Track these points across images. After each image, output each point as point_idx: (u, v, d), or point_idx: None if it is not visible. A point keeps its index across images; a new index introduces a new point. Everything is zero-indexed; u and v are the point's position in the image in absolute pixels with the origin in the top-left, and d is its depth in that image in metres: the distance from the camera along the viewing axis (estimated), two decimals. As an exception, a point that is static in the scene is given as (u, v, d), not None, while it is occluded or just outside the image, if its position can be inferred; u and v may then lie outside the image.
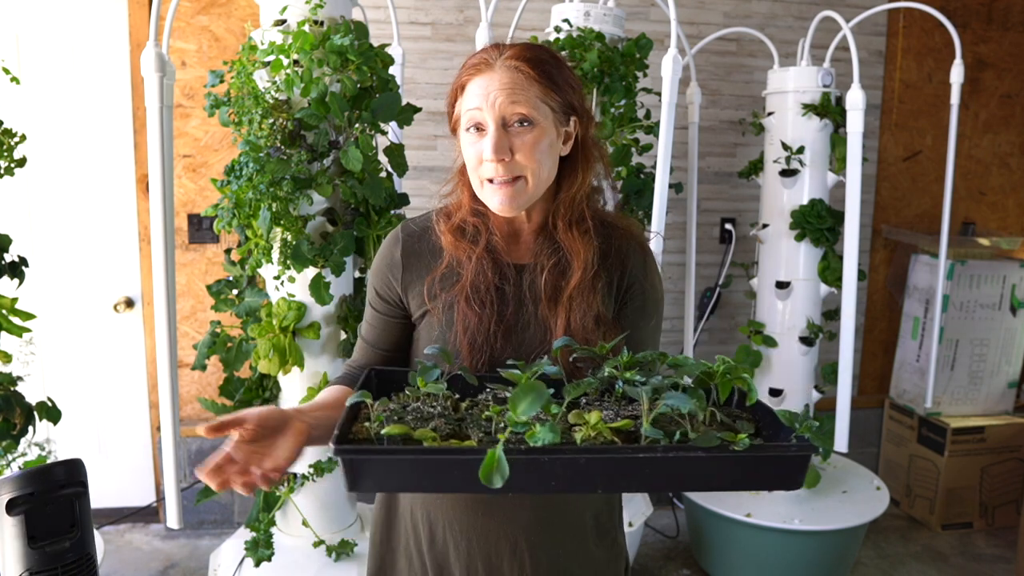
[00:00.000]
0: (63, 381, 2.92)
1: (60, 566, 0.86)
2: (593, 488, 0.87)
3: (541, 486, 0.83)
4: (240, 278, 2.04)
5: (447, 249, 1.15)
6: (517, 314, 1.12)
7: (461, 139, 1.11)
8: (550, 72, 1.09)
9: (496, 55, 1.08)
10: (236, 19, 2.84)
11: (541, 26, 2.62)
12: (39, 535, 0.85)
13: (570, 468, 0.81)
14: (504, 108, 1.05)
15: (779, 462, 0.84)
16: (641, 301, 1.16)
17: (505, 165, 1.05)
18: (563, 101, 1.10)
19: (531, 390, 0.81)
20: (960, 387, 3.26)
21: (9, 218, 2.74)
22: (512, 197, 1.07)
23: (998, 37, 3.38)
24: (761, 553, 2.63)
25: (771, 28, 3.13)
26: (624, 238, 1.17)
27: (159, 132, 1.85)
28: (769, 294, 2.74)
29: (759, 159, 2.83)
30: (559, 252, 1.12)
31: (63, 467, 0.88)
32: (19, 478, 0.85)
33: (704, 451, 0.81)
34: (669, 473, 0.84)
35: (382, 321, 1.21)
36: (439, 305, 1.13)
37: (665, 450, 0.81)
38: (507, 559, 1.13)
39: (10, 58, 2.70)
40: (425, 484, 0.90)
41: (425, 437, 0.85)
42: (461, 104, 1.10)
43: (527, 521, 1.13)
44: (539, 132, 1.07)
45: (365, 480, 0.84)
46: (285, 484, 1.99)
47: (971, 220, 3.48)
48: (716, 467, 0.83)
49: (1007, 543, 3.10)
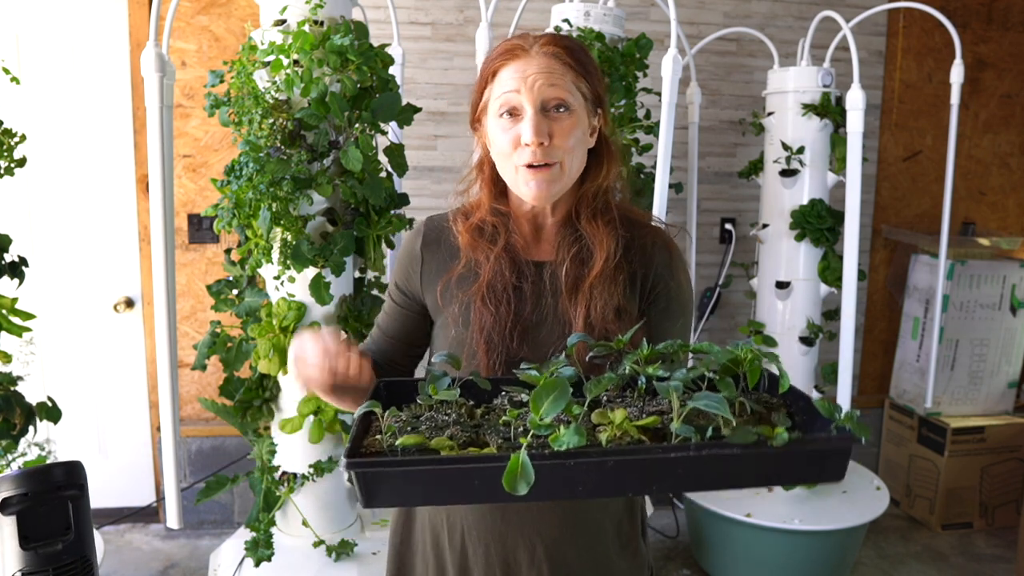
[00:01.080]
0: (63, 381, 2.92)
1: (52, 568, 0.85)
2: (623, 492, 0.81)
3: (567, 492, 0.78)
4: (240, 278, 2.04)
5: (464, 249, 1.13)
6: (534, 312, 1.10)
7: (491, 126, 1.09)
8: (584, 61, 1.09)
9: (531, 42, 1.08)
10: (236, 19, 2.84)
11: (541, 26, 2.62)
12: (32, 536, 0.85)
13: (598, 472, 0.76)
14: (544, 91, 1.04)
15: (819, 457, 0.79)
16: (666, 301, 1.14)
17: (543, 149, 1.03)
18: (593, 91, 1.10)
19: (553, 388, 0.77)
20: (960, 387, 3.26)
21: (9, 218, 2.73)
22: (548, 183, 1.06)
23: (998, 37, 3.38)
24: (761, 553, 2.63)
25: (771, 28, 3.13)
26: (650, 235, 1.15)
27: (159, 132, 1.85)
28: (769, 294, 2.74)
29: (759, 159, 2.83)
30: (581, 241, 1.11)
31: (61, 468, 0.87)
32: (15, 477, 0.85)
33: (740, 448, 0.76)
34: (703, 472, 0.78)
35: (398, 312, 1.21)
36: (455, 306, 1.12)
37: (698, 448, 0.76)
38: (526, 566, 1.11)
39: (10, 58, 2.70)
40: (445, 496, 0.84)
41: (442, 446, 0.80)
42: (491, 90, 1.08)
43: (547, 528, 1.10)
44: (575, 119, 1.06)
45: (381, 495, 0.79)
46: (285, 484, 1.99)
47: (971, 220, 3.48)
48: (754, 464, 0.78)
49: (1007, 543, 3.10)
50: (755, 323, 2.77)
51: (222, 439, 3.00)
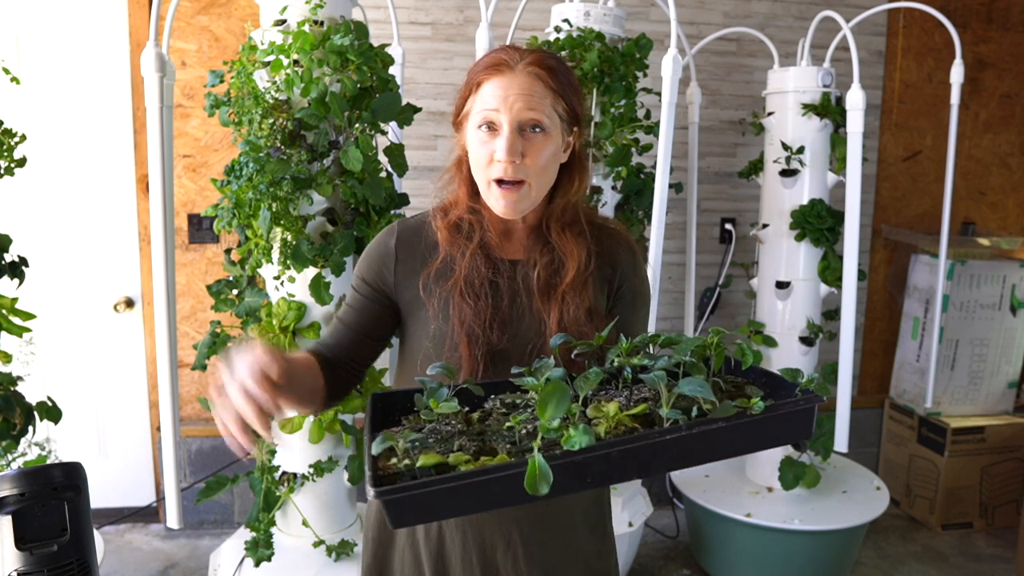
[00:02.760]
0: (63, 381, 2.92)
1: (47, 569, 0.85)
2: (627, 476, 0.88)
3: (578, 484, 0.84)
4: (240, 278, 2.04)
5: (443, 244, 1.18)
6: (511, 306, 1.15)
7: (469, 136, 1.13)
8: (564, 83, 1.13)
9: (516, 58, 1.11)
10: (236, 19, 2.84)
11: (541, 26, 2.62)
12: (28, 536, 0.85)
13: (604, 463, 0.83)
14: (521, 113, 1.09)
15: (792, 417, 0.88)
16: (631, 297, 1.23)
17: (515, 166, 1.09)
18: (571, 113, 1.15)
19: (555, 393, 0.82)
20: (960, 387, 3.26)
21: (9, 218, 2.74)
22: (516, 201, 1.12)
23: (998, 37, 3.38)
24: (761, 553, 2.63)
25: (771, 28, 3.13)
26: (613, 238, 1.23)
27: (159, 132, 1.85)
28: (769, 294, 2.74)
29: (759, 159, 2.82)
30: (552, 251, 1.17)
31: (60, 469, 0.87)
32: (13, 477, 0.85)
33: (725, 421, 0.84)
34: (695, 448, 0.86)
35: (363, 303, 1.22)
36: (434, 300, 1.16)
37: (689, 427, 0.84)
38: (501, 551, 1.17)
39: (10, 58, 2.70)
40: (469, 507, 0.88)
41: (459, 461, 0.84)
42: (474, 101, 1.13)
43: (520, 515, 1.16)
44: (548, 139, 1.11)
45: (408, 516, 0.83)
46: (285, 484, 1.99)
47: (971, 220, 3.48)
48: (738, 434, 0.86)
49: (1007, 543, 3.10)
50: (755, 323, 2.77)
51: (222, 439, 2.99)
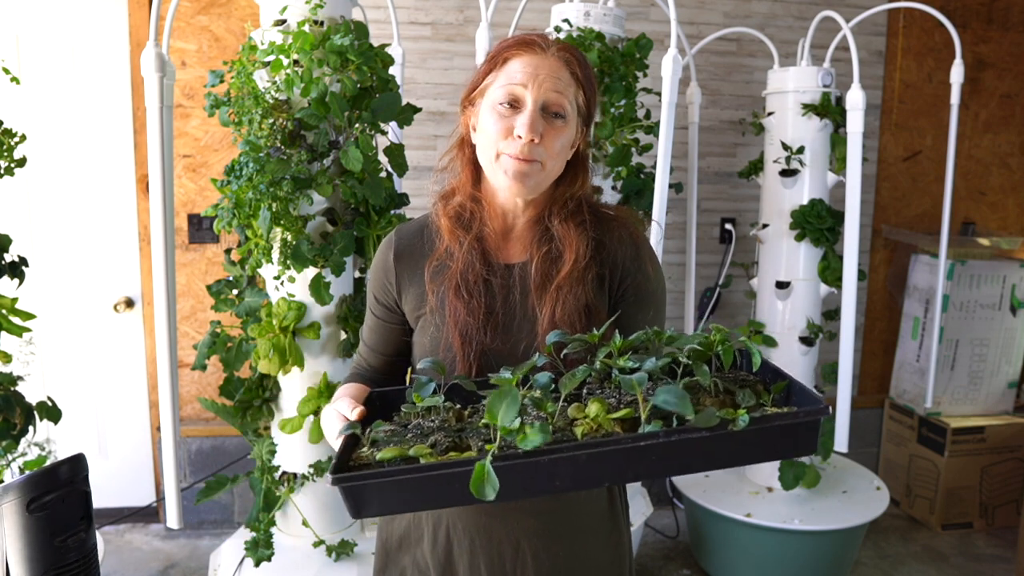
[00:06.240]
0: (63, 381, 2.92)
1: (62, 565, 0.85)
2: (600, 483, 0.84)
3: (547, 487, 0.81)
4: (240, 278, 2.04)
5: (444, 233, 1.15)
6: (504, 307, 1.13)
7: (484, 109, 1.11)
8: (589, 77, 1.13)
9: (547, 43, 1.10)
10: (236, 19, 2.84)
11: (541, 26, 2.62)
12: (56, 531, 0.85)
13: (572, 465, 0.79)
14: (548, 93, 1.07)
15: (787, 431, 0.81)
16: (635, 294, 1.16)
17: (531, 146, 1.06)
18: (588, 108, 1.13)
19: (503, 396, 0.79)
20: (960, 387, 3.26)
21: (9, 218, 2.74)
22: (526, 174, 1.07)
23: (998, 37, 3.38)
24: (761, 553, 2.63)
25: (771, 28, 3.13)
26: (617, 230, 1.17)
27: (159, 132, 1.85)
28: (769, 294, 2.74)
29: (759, 159, 2.82)
30: (552, 241, 1.13)
31: (67, 464, 0.88)
32: (29, 480, 0.85)
33: (707, 431, 0.78)
34: (674, 458, 0.81)
35: (380, 326, 1.22)
36: (434, 297, 1.14)
37: (667, 435, 0.78)
38: (509, 560, 1.14)
39: (10, 58, 2.70)
40: (429, 502, 0.88)
41: (421, 454, 0.83)
42: (497, 75, 1.10)
43: (530, 523, 1.13)
44: (566, 128, 1.10)
45: (368, 506, 0.83)
46: (285, 484, 1.99)
47: (971, 220, 3.48)
48: (722, 445, 0.80)
49: (1007, 543, 3.10)
50: (755, 323, 2.77)
51: (222, 439, 3.00)
